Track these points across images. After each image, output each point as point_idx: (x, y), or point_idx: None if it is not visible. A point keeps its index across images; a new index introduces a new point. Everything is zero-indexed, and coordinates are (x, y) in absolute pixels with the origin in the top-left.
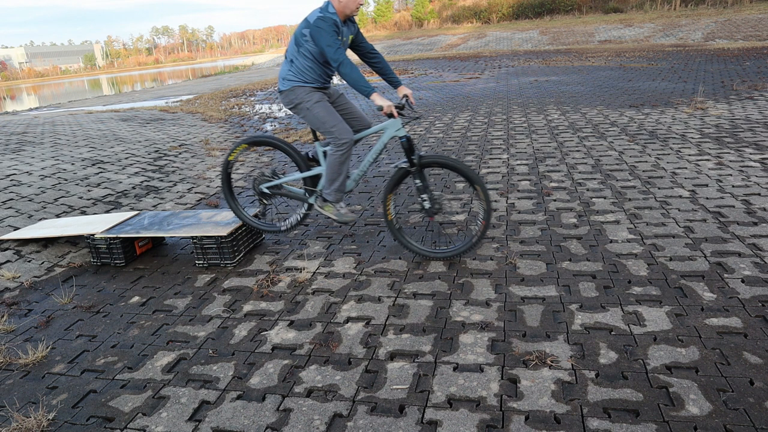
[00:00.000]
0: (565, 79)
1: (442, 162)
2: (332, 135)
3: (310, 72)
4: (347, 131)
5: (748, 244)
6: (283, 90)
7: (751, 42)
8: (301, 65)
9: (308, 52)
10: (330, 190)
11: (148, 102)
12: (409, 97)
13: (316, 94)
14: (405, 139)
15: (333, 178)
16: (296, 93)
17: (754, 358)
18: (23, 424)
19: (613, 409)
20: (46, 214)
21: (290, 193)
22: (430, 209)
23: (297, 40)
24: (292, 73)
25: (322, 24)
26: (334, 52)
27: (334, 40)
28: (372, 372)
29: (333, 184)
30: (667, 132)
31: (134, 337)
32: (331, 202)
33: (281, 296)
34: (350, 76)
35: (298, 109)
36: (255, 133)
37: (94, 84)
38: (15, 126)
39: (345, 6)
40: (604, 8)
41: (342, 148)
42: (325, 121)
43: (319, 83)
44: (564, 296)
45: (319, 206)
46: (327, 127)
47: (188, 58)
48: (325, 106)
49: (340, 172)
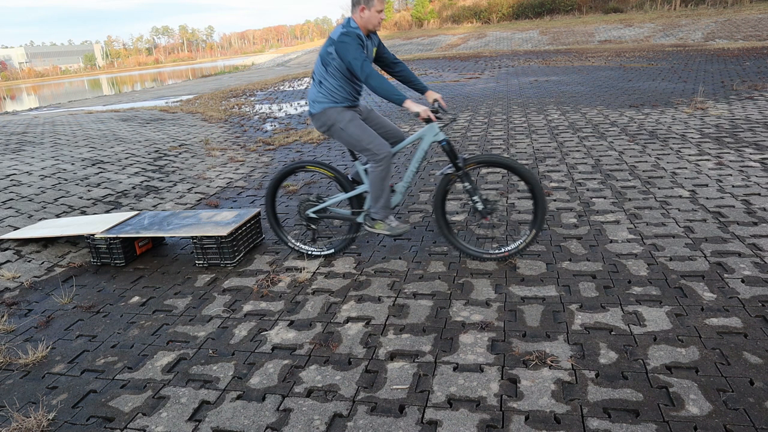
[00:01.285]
0: (565, 79)
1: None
2: (369, 152)
3: (340, 91)
4: (384, 145)
5: (748, 244)
6: (315, 113)
7: (751, 42)
8: (331, 85)
9: (336, 71)
10: (377, 207)
11: (148, 102)
12: (440, 100)
13: (348, 113)
14: (445, 143)
15: (378, 195)
16: (328, 115)
17: (754, 358)
18: (23, 424)
19: (613, 409)
20: (46, 214)
21: (337, 215)
22: (484, 210)
23: (323, 60)
24: (322, 95)
25: (346, 39)
26: (360, 65)
27: (360, 53)
28: (372, 372)
29: (379, 201)
30: (667, 132)
31: (134, 337)
32: (380, 219)
33: (281, 296)
34: (380, 87)
35: (332, 131)
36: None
37: (94, 84)
38: (15, 126)
39: (367, 21)
40: (604, 8)
41: (381, 164)
42: (360, 138)
43: (350, 102)
44: (564, 296)
45: (369, 226)
46: (363, 144)
47: (188, 58)
48: (358, 124)
49: (383, 187)
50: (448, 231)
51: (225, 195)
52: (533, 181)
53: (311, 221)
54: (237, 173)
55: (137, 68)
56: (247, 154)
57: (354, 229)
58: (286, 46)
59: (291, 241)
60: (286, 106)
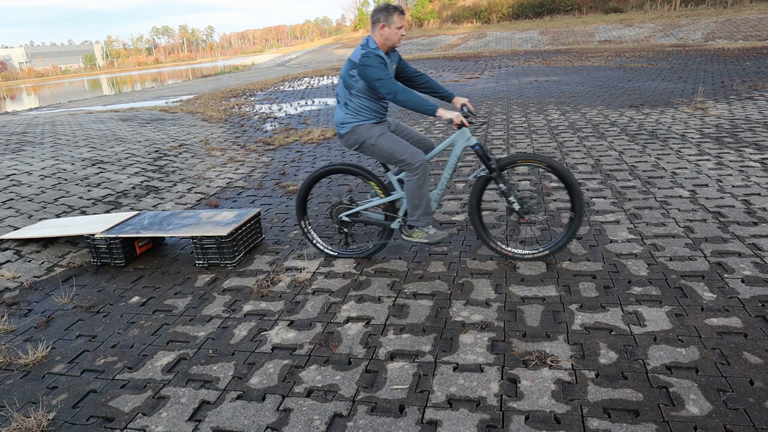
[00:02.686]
0: (565, 79)
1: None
2: (404, 162)
3: (366, 110)
4: (418, 153)
5: (748, 244)
6: (344, 134)
7: (751, 42)
8: (356, 106)
9: (360, 92)
10: (417, 216)
11: (148, 102)
12: (468, 105)
13: (377, 128)
14: (478, 147)
15: (416, 203)
16: (358, 132)
17: (754, 358)
18: (23, 424)
19: (613, 409)
20: (46, 214)
21: (369, 219)
22: (521, 210)
23: (346, 83)
24: (350, 116)
25: (367, 61)
26: (385, 85)
27: (384, 73)
28: (372, 372)
29: (418, 209)
30: (667, 132)
31: (134, 337)
32: (419, 227)
33: (281, 296)
34: (409, 101)
35: (364, 147)
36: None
37: (94, 84)
38: (15, 126)
39: (387, 38)
40: (604, 8)
41: (417, 172)
42: (393, 151)
43: (378, 118)
44: (564, 296)
45: (407, 235)
46: (397, 156)
47: (188, 58)
48: (389, 137)
49: (421, 195)
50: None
51: (225, 195)
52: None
53: (343, 224)
54: (237, 173)
55: (137, 68)
56: (247, 154)
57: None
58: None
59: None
60: (286, 106)
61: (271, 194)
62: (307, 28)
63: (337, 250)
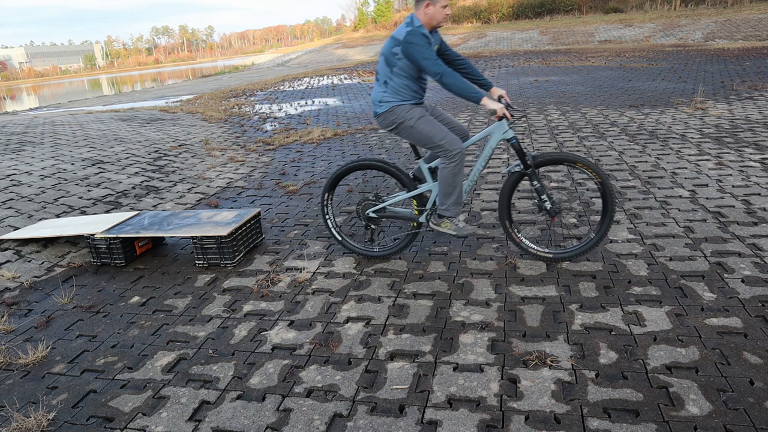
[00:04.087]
0: (565, 79)
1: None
2: (442, 148)
3: (407, 90)
4: (457, 141)
5: (748, 244)
6: (381, 112)
7: (751, 42)
8: (397, 84)
9: (402, 70)
10: (447, 204)
11: (148, 102)
12: (505, 96)
13: (417, 110)
14: (515, 141)
15: (448, 192)
16: (396, 113)
17: (754, 358)
18: (23, 424)
19: (613, 409)
20: (46, 214)
21: (397, 214)
22: (552, 209)
23: (388, 60)
24: (388, 94)
25: (412, 38)
26: (432, 64)
27: (429, 51)
28: (372, 372)
29: (449, 198)
30: (667, 132)
31: (134, 337)
32: (448, 217)
33: (281, 296)
34: (455, 85)
35: (401, 129)
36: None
37: (94, 84)
38: (15, 126)
39: (431, 18)
40: (604, 8)
41: (455, 159)
42: (432, 135)
43: (416, 99)
44: (564, 296)
45: (435, 224)
46: (436, 140)
47: (188, 58)
48: (429, 121)
49: (455, 184)
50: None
51: (225, 195)
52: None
53: (371, 221)
54: (237, 173)
55: (137, 68)
56: (247, 154)
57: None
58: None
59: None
60: (286, 106)
61: (271, 194)
62: (307, 28)
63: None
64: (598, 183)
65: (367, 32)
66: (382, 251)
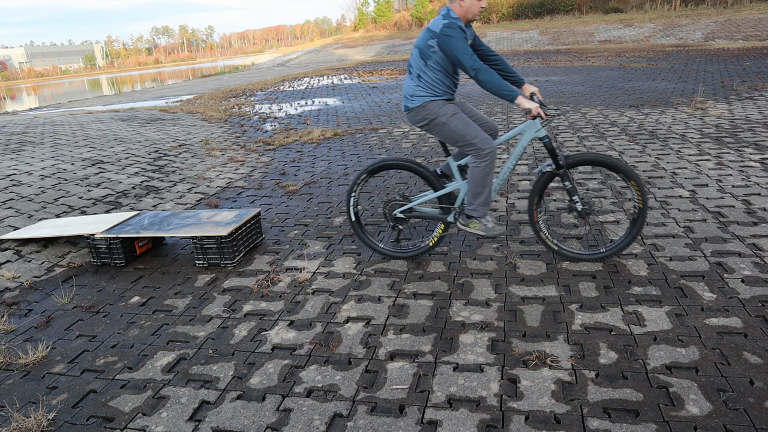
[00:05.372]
0: (565, 79)
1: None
2: (474, 147)
3: (440, 85)
4: (489, 140)
5: (748, 244)
6: (413, 107)
7: (751, 42)
8: (431, 79)
9: (437, 64)
10: (476, 204)
11: (148, 102)
12: (537, 94)
13: (450, 106)
14: (547, 140)
15: (478, 191)
16: (429, 108)
17: (754, 358)
18: (23, 424)
19: (613, 409)
20: (46, 214)
21: (424, 214)
22: (583, 210)
23: (423, 53)
24: (421, 88)
25: (449, 31)
26: (469, 59)
27: (466, 46)
28: (372, 372)
29: (478, 197)
30: (667, 132)
31: (134, 337)
32: (476, 217)
33: (281, 296)
34: (490, 82)
35: (432, 125)
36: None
37: (94, 84)
38: (15, 126)
39: (467, 11)
40: (604, 8)
41: (487, 158)
42: (465, 133)
43: (449, 95)
44: (564, 296)
45: (463, 224)
46: (468, 138)
47: (188, 58)
48: (462, 118)
49: (485, 184)
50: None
51: (225, 195)
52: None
53: (398, 221)
54: (237, 173)
55: (137, 68)
56: (247, 154)
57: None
58: (286, 46)
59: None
60: (286, 106)
61: (271, 194)
62: (307, 28)
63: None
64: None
65: (367, 32)
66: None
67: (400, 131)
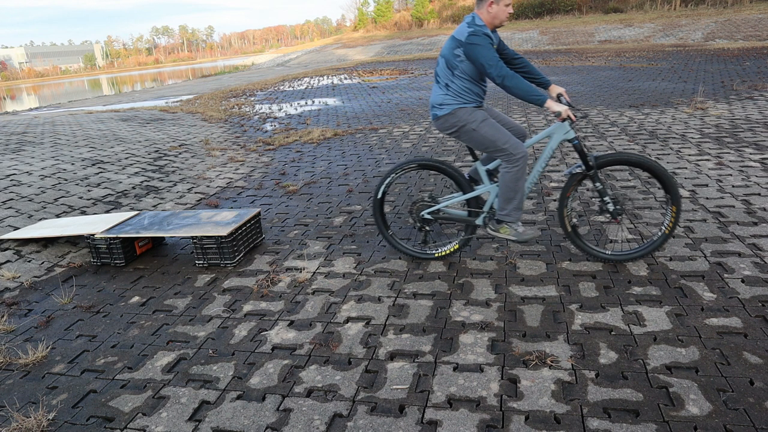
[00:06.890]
0: (565, 79)
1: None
2: (505, 152)
3: (468, 93)
4: (520, 145)
5: (748, 244)
6: (442, 115)
7: (751, 42)
8: (459, 87)
9: (464, 73)
10: (508, 209)
11: (148, 102)
12: (564, 95)
13: (480, 113)
14: (576, 142)
15: (510, 197)
16: (458, 115)
17: (754, 358)
18: (23, 424)
19: (613, 409)
20: (46, 214)
21: (452, 216)
22: (615, 211)
23: (449, 63)
24: (450, 97)
25: (476, 40)
26: (495, 67)
27: (492, 54)
28: (372, 372)
29: (510, 203)
30: (667, 132)
31: (134, 337)
32: (507, 222)
33: (281, 296)
34: (517, 88)
35: (462, 132)
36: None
37: (94, 84)
38: (15, 126)
39: (494, 17)
40: (604, 8)
41: (518, 164)
42: (495, 139)
43: (477, 102)
44: (564, 296)
45: (493, 229)
46: (499, 144)
47: (188, 58)
48: (491, 124)
49: (516, 189)
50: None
51: (225, 195)
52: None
53: (425, 222)
54: (237, 173)
55: (137, 68)
56: (247, 154)
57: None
58: (286, 46)
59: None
60: (286, 106)
61: (271, 194)
62: (307, 28)
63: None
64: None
65: (367, 32)
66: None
67: (400, 131)
